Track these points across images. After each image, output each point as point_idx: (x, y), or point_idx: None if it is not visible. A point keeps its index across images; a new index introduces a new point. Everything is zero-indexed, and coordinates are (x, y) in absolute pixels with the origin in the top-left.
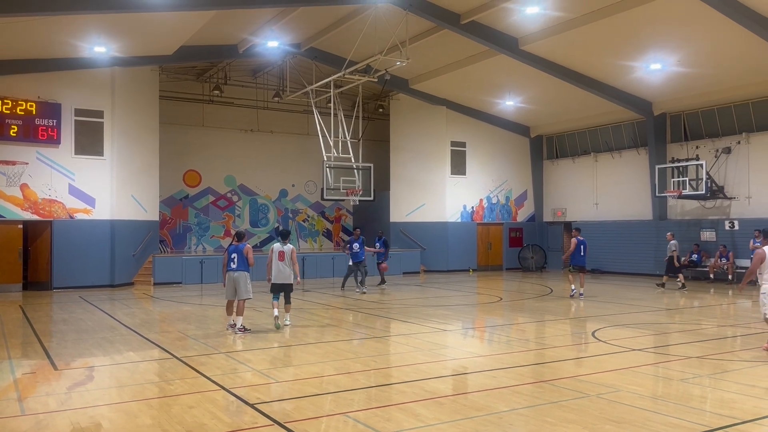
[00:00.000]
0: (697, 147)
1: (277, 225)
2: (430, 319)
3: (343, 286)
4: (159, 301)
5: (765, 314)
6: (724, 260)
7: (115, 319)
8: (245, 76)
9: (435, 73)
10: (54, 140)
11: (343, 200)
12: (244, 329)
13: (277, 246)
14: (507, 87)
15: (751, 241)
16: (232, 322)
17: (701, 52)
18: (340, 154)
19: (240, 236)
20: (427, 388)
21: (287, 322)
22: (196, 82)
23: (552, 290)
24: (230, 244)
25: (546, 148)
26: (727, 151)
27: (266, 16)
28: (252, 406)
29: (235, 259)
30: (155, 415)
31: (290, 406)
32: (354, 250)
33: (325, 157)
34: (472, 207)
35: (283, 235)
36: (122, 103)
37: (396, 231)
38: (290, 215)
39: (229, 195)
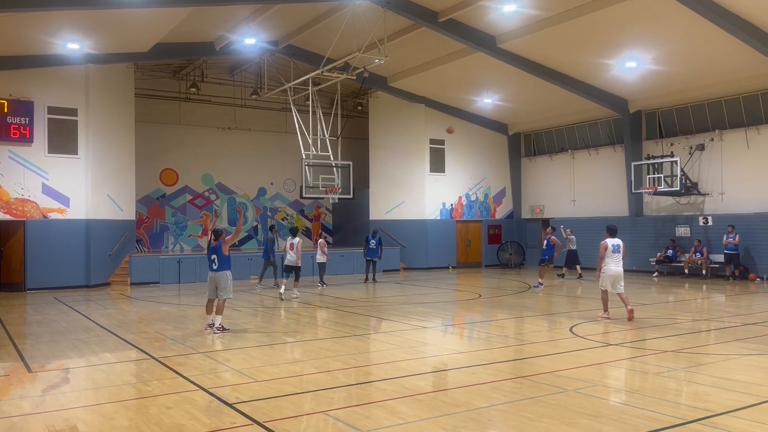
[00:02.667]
0: (671, 144)
1: (255, 224)
2: (409, 317)
3: (366, 279)
4: (136, 301)
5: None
6: (698, 255)
7: (90, 320)
8: (222, 73)
9: (413, 71)
10: (26, 139)
11: (322, 198)
12: (222, 328)
13: (289, 239)
14: (485, 85)
15: (725, 236)
16: (210, 322)
17: (675, 50)
18: (319, 152)
19: (217, 234)
20: (407, 386)
21: (295, 296)
22: (172, 80)
23: (530, 287)
24: (209, 245)
25: (524, 145)
26: (701, 148)
27: (243, 13)
28: (231, 405)
29: (216, 260)
30: (132, 416)
31: (270, 406)
32: (371, 247)
33: (303, 155)
34: (451, 204)
35: (293, 232)
36: (97, 100)
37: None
38: (269, 214)
39: (206, 194)
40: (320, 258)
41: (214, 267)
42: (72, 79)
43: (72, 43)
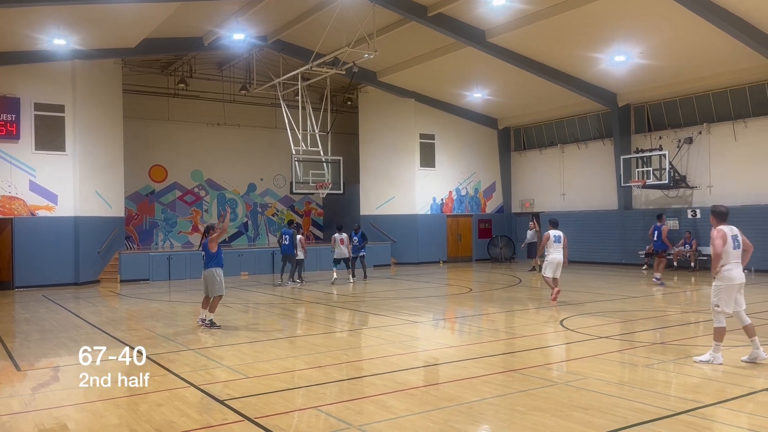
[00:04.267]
0: (660, 137)
1: (245, 219)
2: (401, 312)
3: (352, 276)
4: (126, 298)
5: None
6: (687, 248)
7: (80, 317)
8: (211, 69)
9: (403, 66)
10: (13, 135)
11: (312, 194)
12: (211, 324)
13: (336, 235)
14: (475, 79)
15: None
16: (202, 316)
17: (663, 44)
18: (309, 148)
19: (207, 231)
20: (398, 380)
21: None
22: (160, 76)
23: (521, 280)
24: (201, 241)
25: (514, 139)
26: (689, 141)
27: (232, 8)
28: (222, 402)
29: (204, 257)
30: (122, 414)
31: (261, 402)
32: (354, 244)
33: (293, 150)
34: (442, 199)
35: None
36: (84, 97)
37: (366, 224)
38: (259, 210)
39: (196, 190)
40: (299, 255)
41: (203, 264)
42: (59, 75)
43: (58, 39)
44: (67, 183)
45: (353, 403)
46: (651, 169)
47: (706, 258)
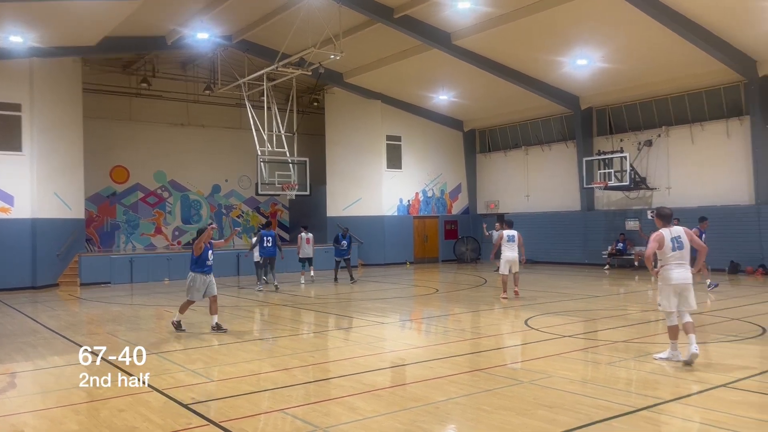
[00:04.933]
0: (621, 140)
1: (210, 221)
2: (367, 313)
3: (335, 279)
4: (86, 302)
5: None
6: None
7: (37, 322)
8: (174, 68)
9: (370, 67)
10: None
11: (278, 195)
12: (177, 325)
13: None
14: (441, 81)
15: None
16: (213, 323)
17: (624, 48)
18: (275, 149)
19: (199, 233)
20: (365, 382)
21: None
22: (122, 75)
23: (486, 281)
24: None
25: (479, 141)
26: (649, 143)
27: (196, 6)
28: (186, 406)
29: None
30: (82, 420)
31: (226, 405)
32: (342, 247)
33: (259, 151)
34: (408, 200)
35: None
36: (42, 95)
37: (333, 225)
38: (224, 211)
39: (159, 191)
40: (257, 257)
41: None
42: (15, 73)
43: (15, 36)
44: (24, 184)
45: (320, 405)
46: (612, 171)
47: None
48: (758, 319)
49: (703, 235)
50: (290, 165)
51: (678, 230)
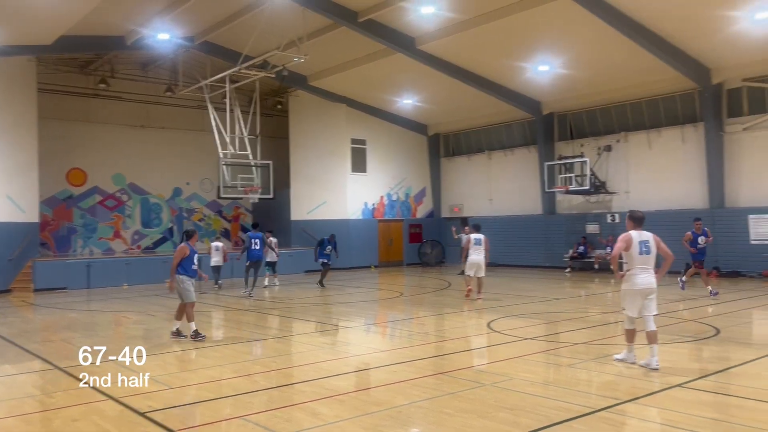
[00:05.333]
0: (581, 145)
1: (171, 225)
2: (331, 317)
3: (321, 284)
4: (40, 308)
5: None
6: (608, 249)
7: None
8: (134, 69)
9: (334, 71)
10: None
11: (241, 198)
12: (178, 333)
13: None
14: (405, 86)
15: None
16: (175, 329)
17: (583, 55)
18: (237, 151)
19: (185, 235)
20: (327, 387)
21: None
22: (79, 75)
23: (450, 284)
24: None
25: (443, 145)
26: (608, 149)
27: (156, 6)
28: (143, 414)
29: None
30: (34, 431)
31: (185, 413)
32: (326, 252)
33: (221, 154)
34: (373, 204)
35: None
36: None
37: (297, 229)
38: (185, 215)
39: (118, 194)
40: (216, 261)
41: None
42: None
43: None
44: None
45: (281, 411)
46: (573, 175)
47: (623, 261)
48: (712, 320)
49: (700, 238)
50: (253, 168)
51: (647, 235)
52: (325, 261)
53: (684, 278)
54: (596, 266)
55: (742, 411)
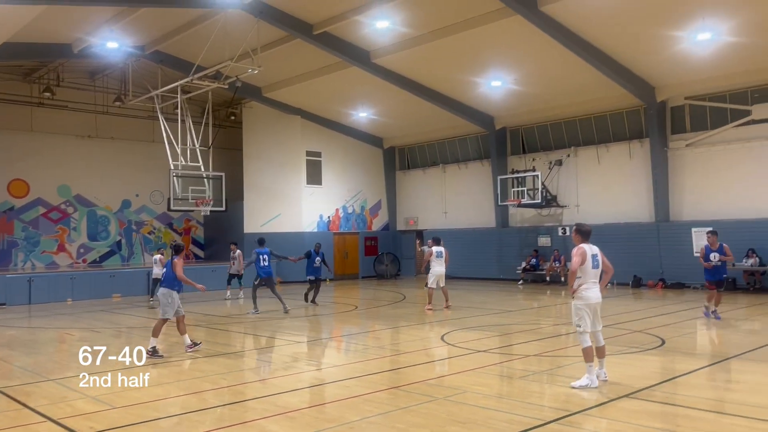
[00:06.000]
0: (533, 159)
1: (119, 238)
2: (284, 332)
3: (306, 299)
4: None
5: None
6: (557, 263)
7: None
8: (81, 77)
9: (289, 82)
10: None
11: (192, 211)
12: (194, 345)
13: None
14: (360, 99)
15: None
16: (153, 345)
17: (535, 72)
18: (189, 163)
19: (175, 249)
20: (279, 403)
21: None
22: (23, 83)
23: (405, 297)
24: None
25: (398, 159)
26: (559, 163)
27: (105, 15)
28: None
29: (162, 275)
30: None
31: None
32: (315, 265)
33: (172, 165)
34: (329, 216)
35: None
36: None
37: (251, 242)
38: (134, 227)
39: (63, 206)
40: (156, 273)
41: (162, 283)
42: None
43: None
44: None
45: (231, 429)
46: (525, 189)
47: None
48: (658, 330)
49: (713, 254)
50: (205, 180)
51: (596, 248)
52: (317, 276)
53: (707, 304)
54: (548, 278)
55: (688, 420)
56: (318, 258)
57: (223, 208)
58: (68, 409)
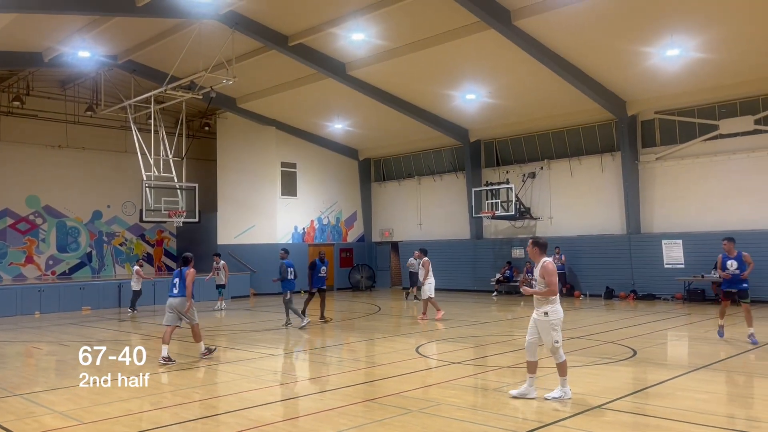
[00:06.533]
0: (507, 172)
1: (89, 250)
2: (257, 345)
3: (303, 313)
4: None
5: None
6: (530, 275)
7: None
8: (52, 86)
9: (264, 93)
10: None
11: (165, 222)
12: (208, 352)
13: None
14: (336, 110)
15: (553, 256)
16: (165, 354)
17: (508, 85)
18: (162, 174)
19: (186, 260)
20: (251, 417)
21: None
22: None
23: (380, 308)
24: (176, 268)
25: (374, 170)
26: (533, 176)
27: (77, 24)
28: None
29: (177, 284)
30: None
31: None
32: (320, 275)
33: (144, 176)
34: (304, 228)
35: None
36: None
37: (224, 254)
38: (105, 239)
39: (31, 217)
40: (135, 285)
41: (174, 291)
42: None
43: None
44: None
45: None
46: (499, 201)
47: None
48: (630, 341)
49: (729, 261)
50: (178, 191)
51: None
52: (322, 287)
53: (721, 322)
54: (521, 290)
55: (659, 430)
56: (324, 267)
57: (196, 220)
58: (35, 425)
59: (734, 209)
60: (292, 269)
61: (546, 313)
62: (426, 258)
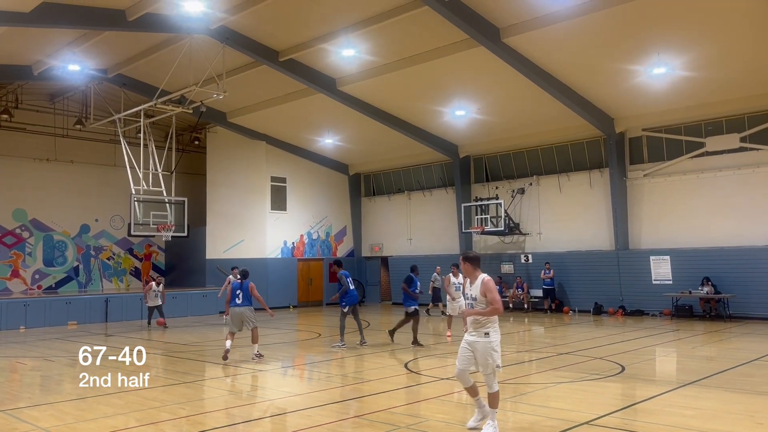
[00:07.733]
0: (496, 187)
1: (76, 264)
2: (245, 360)
3: (391, 335)
4: None
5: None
6: (519, 290)
7: None
8: (41, 100)
9: (254, 108)
10: None
11: (153, 236)
12: (259, 356)
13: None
14: (326, 125)
15: (542, 272)
16: (256, 351)
17: (498, 101)
18: (151, 188)
19: (244, 275)
20: None
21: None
22: None
23: (369, 323)
24: (235, 281)
25: (364, 185)
26: (522, 191)
27: (66, 37)
28: None
29: (240, 295)
30: None
31: None
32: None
33: (133, 190)
34: (293, 243)
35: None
36: None
37: (212, 268)
38: (92, 253)
39: (18, 231)
40: (156, 300)
41: (238, 301)
42: None
43: None
44: None
45: None
46: (489, 216)
47: (537, 300)
48: (618, 357)
49: None
50: (167, 205)
51: None
52: (416, 307)
53: None
54: (510, 305)
55: None
56: (349, 279)
57: (185, 234)
58: None
59: (721, 225)
60: (350, 280)
61: (487, 334)
62: (450, 276)
